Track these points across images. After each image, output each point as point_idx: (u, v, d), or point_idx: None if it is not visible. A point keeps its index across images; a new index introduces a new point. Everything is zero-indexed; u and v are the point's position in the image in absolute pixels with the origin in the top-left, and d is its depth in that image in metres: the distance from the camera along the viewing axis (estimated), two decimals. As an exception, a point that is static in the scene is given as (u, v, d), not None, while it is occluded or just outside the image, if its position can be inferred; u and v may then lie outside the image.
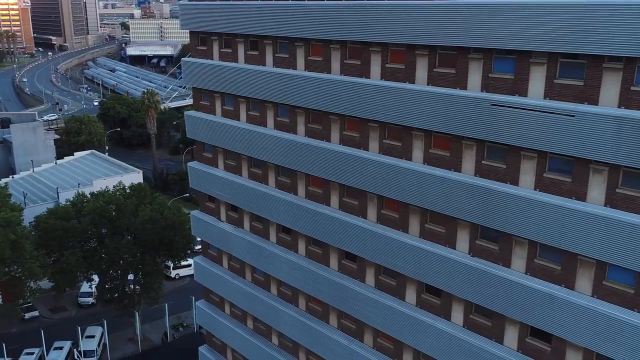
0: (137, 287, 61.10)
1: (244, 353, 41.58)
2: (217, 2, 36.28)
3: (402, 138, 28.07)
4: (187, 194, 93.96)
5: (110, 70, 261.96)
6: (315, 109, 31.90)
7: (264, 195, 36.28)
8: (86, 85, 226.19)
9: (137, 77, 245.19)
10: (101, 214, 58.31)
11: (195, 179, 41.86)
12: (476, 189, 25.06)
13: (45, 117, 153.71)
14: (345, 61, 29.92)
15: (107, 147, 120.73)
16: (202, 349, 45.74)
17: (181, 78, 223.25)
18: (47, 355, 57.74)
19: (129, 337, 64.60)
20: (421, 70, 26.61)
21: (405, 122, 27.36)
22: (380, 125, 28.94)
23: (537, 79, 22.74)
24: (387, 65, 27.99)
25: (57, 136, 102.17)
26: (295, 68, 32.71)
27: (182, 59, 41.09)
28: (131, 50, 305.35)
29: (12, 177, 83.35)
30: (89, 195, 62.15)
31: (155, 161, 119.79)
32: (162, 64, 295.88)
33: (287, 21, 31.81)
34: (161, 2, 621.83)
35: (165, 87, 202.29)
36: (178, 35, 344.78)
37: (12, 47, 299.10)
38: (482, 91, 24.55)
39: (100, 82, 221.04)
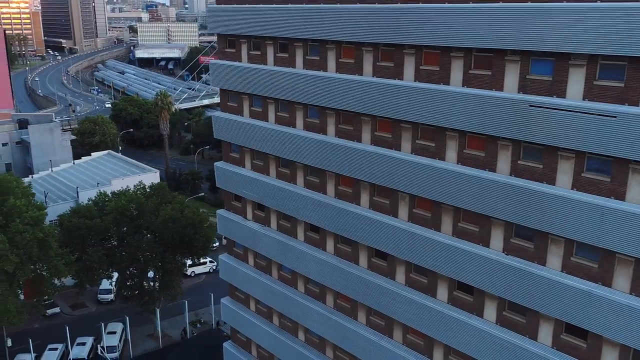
0: (157, 284, 61.11)
1: (269, 349, 41.53)
2: (247, 5, 36.19)
3: (436, 138, 27.99)
4: (202, 194, 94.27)
5: (120, 73, 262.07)
6: (346, 110, 31.82)
7: (292, 194, 36.21)
8: (97, 87, 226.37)
9: (146, 79, 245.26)
10: (123, 212, 58.32)
11: (221, 178, 41.80)
12: (512, 188, 24.96)
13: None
14: (377, 63, 29.83)
15: (120, 148, 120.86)
16: (227, 345, 45.67)
17: (190, 80, 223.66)
18: (70, 350, 57.83)
19: (149, 333, 64.60)
20: (456, 72, 26.52)
21: (439, 123, 27.27)
22: (413, 126, 28.86)
23: (576, 81, 22.65)
24: (421, 68, 27.91)
25: (73, 137, 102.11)
26: (325, 70, 32.62)
27: (210, 61, 41.04)
28: (140, 53, 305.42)
29: (32, 177, 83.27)
30: (109, 195, 62.18)
31: (167, 161, 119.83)
32: (170, 66, 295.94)
33: (319, 24, 31.72)
34: (167, 6, 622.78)
35: (174, 89, 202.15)
36: (184, 38, 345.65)
37: (23, 49, 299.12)
38: (518, 92, 24.47)
39: (111, 84, 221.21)
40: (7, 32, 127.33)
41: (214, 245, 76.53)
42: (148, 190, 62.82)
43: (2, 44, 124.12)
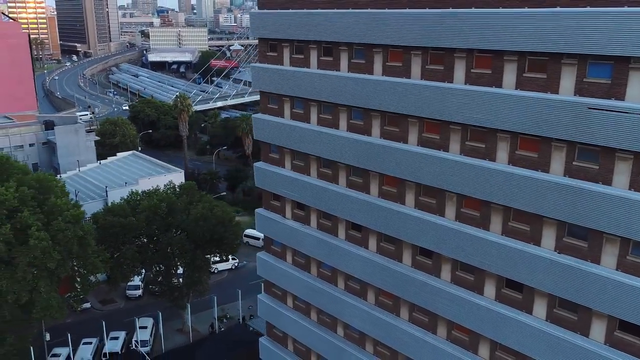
0: (186, 280, 60.95)
1: (307, 343, 41.33)
2: (291, 10, 35.97)
3: (487, 140, 27.75)
4: (224, 192, 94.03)
5: (134, 76, 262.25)
6: (392, 112, 31.58)
7: (334, 193, 35.99)
8: (112, 90, 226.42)
9: (159, 81, 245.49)
10: (155, 211, 58.19)
11: (260, 178, 41.59)
12: (567, 188, 24.72)
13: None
14: (426, 66, 29.59)
15: (139, 148, 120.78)
16: (263, 340, 45.49)
17: (201, 83, 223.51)
18: (105, 344, 57.75)
19: (177, 328, 64.47)
20: (509, 75, 26.27)
21: (491, 125, 27.03)
22: (463, 128, 28.62)
23: (636, 83, 22.39)
24: (472, 71, 27.66)
25: (97, 138, 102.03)
26: (371, 73, 32.39)
27: (252, 64, 40.88)
28: (152, 57, 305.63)
29: (60, 177, 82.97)
30: (140, 194, 62.00)
31: (186, 161, 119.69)
32: (182, 69, 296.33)
33: (366, 29, 31.48)
34: (176, 12, 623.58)
35: (187, 92, 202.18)
36: (194, 43, 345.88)
37: (40, 53, 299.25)
38: (575, 95, 24.22)
39: (127, 87, 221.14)
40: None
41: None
42: (178, 189, 62.76)
43: (27, 49, 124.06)
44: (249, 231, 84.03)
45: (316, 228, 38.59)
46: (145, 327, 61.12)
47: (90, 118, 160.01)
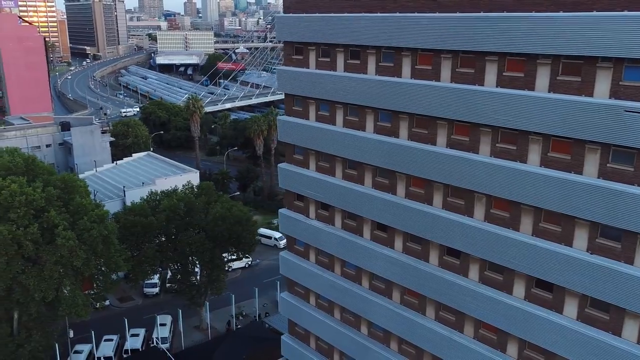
0: (205, 278, 60.75)
1: (330, 341, 41.07)
2: (317, 15, 35.69)
3: (518, 142, 27.49)
4: (237, 192, 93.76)
5: (143, 78, 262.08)
6: (421, 114, 31.32)
7: (360, 194, 35.71)
8: (122, 92, 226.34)
9: (168, 83, 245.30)
10: (174, 211, 58.01)
11: (284, 179, 41.32)
12: (602, 190, 24.46)
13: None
14: (457, 70, 29.32)
15: (152, 149, 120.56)
16: (285, 338, 45.21)
17: (208, 85, 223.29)
18: (127, 341, 57.52)
19: (195, 325, 64.29)
20: (542, 78, 26.00)
21: (523, 127, 26.75)
22: (493, 130, 28.36)
23: (674, 87, 22.15)
24: (504, 74, 27.39)
25: (112, 139, 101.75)
26: (400, 76, 32.11)
27: (277, 67, 40.60)
28: (160, 59, 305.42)
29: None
30: (159, 194, 61.79)
31: (198, 162, 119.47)
32: (189, 72, 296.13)
33: (394, 33, 31.20)
34: (182, 15, 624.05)
35: (196, 94, 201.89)
36: (200, 46, 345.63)
37: (51, 56, 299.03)
38: (610, 98, 23.96)
39: (137, 89, 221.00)
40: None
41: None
42: (196, 190, 62.57)
43: (42, 51, 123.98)
44: (261, 230, 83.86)
45: (340, 228, 38.31)
46: (165, 325, 60.96)
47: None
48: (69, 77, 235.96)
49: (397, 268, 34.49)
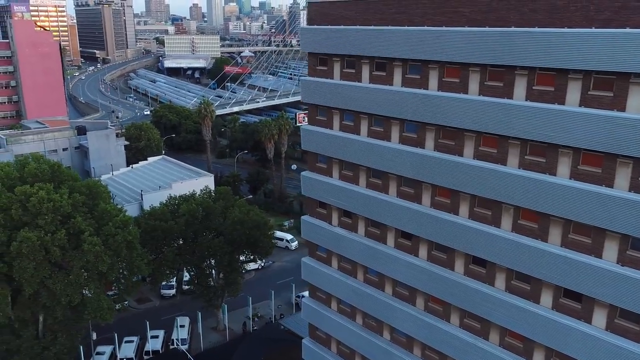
0: (222, 281, 60.57)
1: (351, 345, 40.84)
2: (343, 27, 35.44)
3: (547, 154, 27.23)
4: (250, 196, 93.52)
5: (151, 81, 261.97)
6: (448, 126, 31.08)
7: (384, 203, 35.47)
8: (133, 95, 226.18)
9: (176, 87, 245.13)
10: (193, 215, 57.85)
11: (307, 186, 41.07)
12: (633, 203, 24.21)
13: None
14: (485, 83, 29.08)
15: (164, 152, 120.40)
16: (306, 341, 44.97)
17: (216, 88, 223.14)
18: (147, 342, 57.34)
19: (212, 326, 64.10)
20: (573, 92, 25.73)
21: (553, 141, 26.51)
22: (522, 142, 28.11)
23: None
24: (533, 88, 27.15)
25: (127, 142, 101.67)
26: (427, 88, 31.87)
27: (301, 78, 40.31)
28: (168, 63, 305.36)
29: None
30: (178, 198, 61.59)
31: (210, 165, 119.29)
32: (196, 75, 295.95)
33: (421, 46, 30.94)
34: (188, 20, 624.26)
35: (204, 97, 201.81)
36: (207, 49, 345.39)
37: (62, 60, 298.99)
38: (644, 113, 23.73)
39: (147, 93, 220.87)
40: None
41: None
42: (214, 194, 62.41)
43: (58, 57, 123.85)
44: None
45: (364, 235, 38.08)
46: (184, 326, 60.79)
47: (115, 123, 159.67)
48: (83, 78, 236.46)
49: (422, 275, 34.26)
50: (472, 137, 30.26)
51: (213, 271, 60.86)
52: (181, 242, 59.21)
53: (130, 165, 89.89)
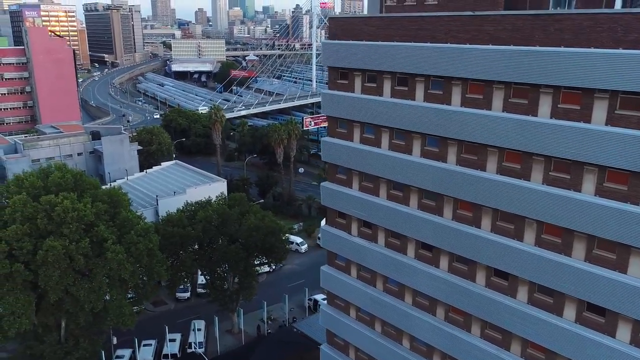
0: (237, 285, 60.39)
1: (371, 353, 40.62)
2: (365, 42, 35.20)
3: (572, 171, 27.00)
4: (261, 200, 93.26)
5: (159, 85, 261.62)
6: (471, 141, 30.84)
7: (405, 215, 35.25)
8: (141, 98, 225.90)
9: (184, 90, 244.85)
10: (210, 221, 57.69)
11: (327, 197, 40.83)
12: (661, 221, 24.02)
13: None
14: (509, 100, 28.83)
15: (174, 155, 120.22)
16: (324, 347, 44.77)
17: (224, 92, 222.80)
18: (165, 346, 57.14)
19: (227, 329, 63.89)
20: (599, 111, 25.51)
21: (579, 158, 26.28)
22: (546, 159, 27.88)
23: None
24: (559, 106, 26.91)
25: (140, 147, 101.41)
26: (449, 103, 31.64)
27: (322, 91, 40.04)
28: (175, 67, 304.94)
29: (111, 185, 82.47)
30: (194, 204, 61.40)
31: (219, 168, 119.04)
32: (203, 78, 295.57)
33: (445, 62, 30.69)
34: (194, 24, 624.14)
35: (211, 100, 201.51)
36: (213, 53, 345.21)
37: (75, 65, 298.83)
38: (671, 133, 23.49)
39: (156, 96, 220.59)
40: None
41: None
42: (230, 201, 62.24)
43: (72, 63, 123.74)
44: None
45: (384, 246, 37.86)
46: (200, 330, 60.61)
47: (125, 126, 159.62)
48: (97, 78, 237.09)
49: (443, 286, 34.04)
50: (495, 152, 30.02)
51: (228, 275, 60.66)
52: (197, 247, 59.06)
53: (145, 170, 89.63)
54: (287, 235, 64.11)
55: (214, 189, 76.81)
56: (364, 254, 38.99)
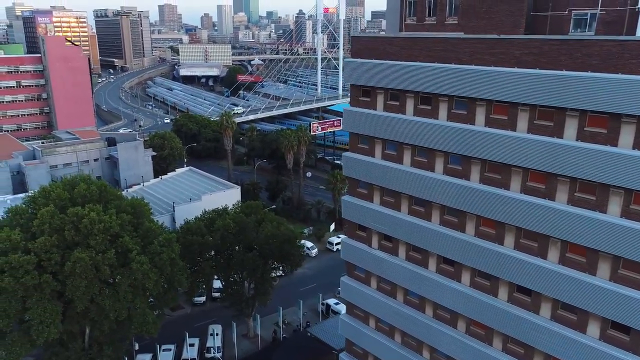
0: (254, 292, 60.25)
1: (389, 362, 40.49)
2: (388, 62, 34.98)
3: (598, 193, 26.81)
4: (273, 206, 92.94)
5: (168, 89, 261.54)
6: (494, 160, 30.63)
7: (427, 230, 35.05)
8: (151, 103, 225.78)
9: (192, 94, 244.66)
10: (228, 229, 57.50)
11: (348, 211, 40.62)
12: (689, 245, 23.82)
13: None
14: (534, 121, 28.62)
15: (185, 160, 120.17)
16: (344, 356, 44.59)
17: (231, 97, 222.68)
18: (184, 351, 56.96)
19: (242, 334, 63.71)
20: (626, 136, 25.33)
21: (605, 180, 26.08)
22: (571, 180, 27.68)
23: None
24: (585, 129, 26.71)
25: (154, 153, 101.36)
26: (473, 123, 31.42)
27: (344, 108, 39.78)
28: (183, 71, 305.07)
29: (127, 191, 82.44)
30: (212, 212, 61.22)
31: (230, 172, 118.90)
32: (210, 83, 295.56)
33: (469, 84, 30.49)
34: (200, 29, 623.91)
35: (219, 105, 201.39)
36: (219, 58, 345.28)
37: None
38: (699, 159, 23.27)
39: (165, 101, 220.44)
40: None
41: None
42: (246, 209, 62.05)
43: (87, 71, 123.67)
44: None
45: (404, 259, 37.68)
46: (217, 334, 60.45)
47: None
48: (112, 80, 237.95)
49: (464, 300, 33.85)
50: (519, 171, 29.81)
51: (245, 282, 60.51)
52: (213, 253, 58.88)
53: (160, 177, 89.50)
54: (302, 241, 63.76)
55: (229, 195, 76.75)
56: (384, 266, 38.80)
